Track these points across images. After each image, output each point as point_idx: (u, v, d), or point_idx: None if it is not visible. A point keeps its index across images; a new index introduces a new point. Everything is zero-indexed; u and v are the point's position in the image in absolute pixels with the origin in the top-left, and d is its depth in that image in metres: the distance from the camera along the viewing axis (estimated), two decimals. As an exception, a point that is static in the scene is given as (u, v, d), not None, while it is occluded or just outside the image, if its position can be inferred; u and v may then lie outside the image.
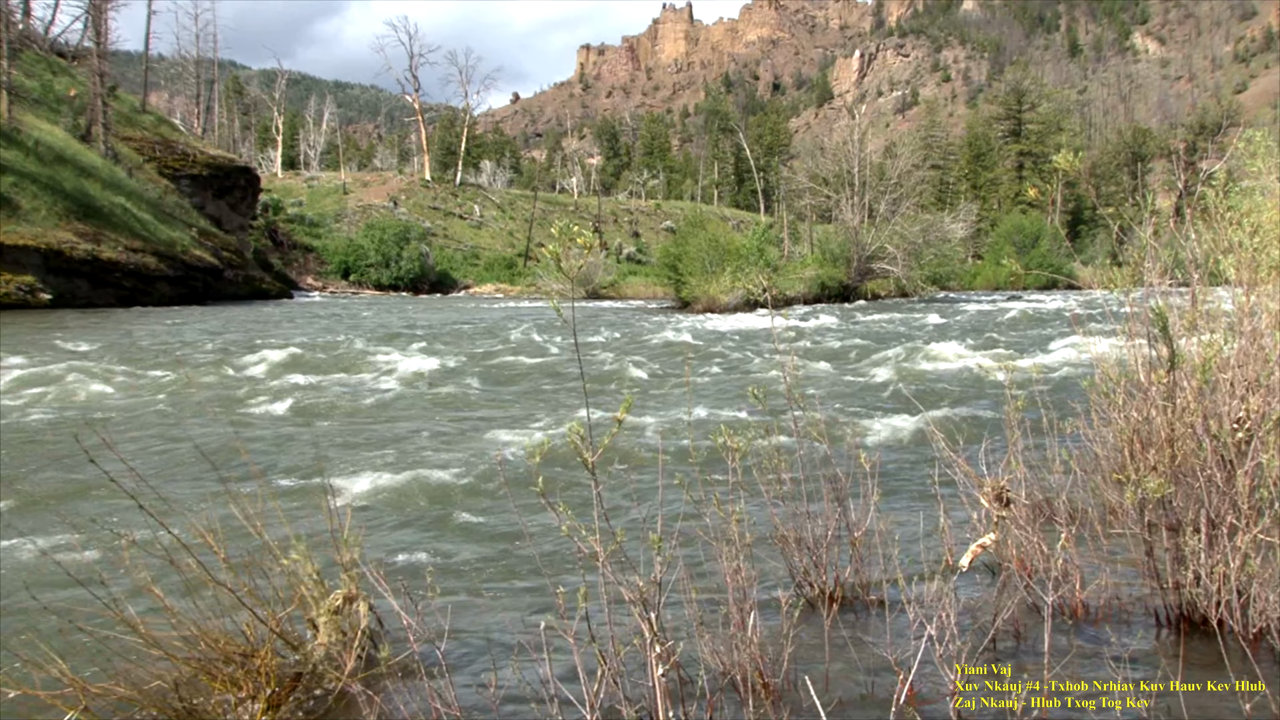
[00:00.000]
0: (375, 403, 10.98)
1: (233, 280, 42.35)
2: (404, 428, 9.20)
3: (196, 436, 8.50)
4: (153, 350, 16.57)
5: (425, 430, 9.00)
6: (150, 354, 15.82)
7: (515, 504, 5.99)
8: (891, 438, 8.45)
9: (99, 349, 16.54)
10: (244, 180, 51.76)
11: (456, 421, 9.62)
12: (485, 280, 63.97)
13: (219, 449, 7.76)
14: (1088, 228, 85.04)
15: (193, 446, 7.74)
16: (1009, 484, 4.02)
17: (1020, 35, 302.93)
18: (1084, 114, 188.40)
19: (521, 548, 5.32)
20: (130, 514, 5.78)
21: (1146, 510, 3.63)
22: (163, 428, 9.12)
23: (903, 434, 8.55)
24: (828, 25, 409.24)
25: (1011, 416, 4.21)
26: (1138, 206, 4.55)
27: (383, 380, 12.94)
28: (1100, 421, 4.54)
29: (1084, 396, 4.71)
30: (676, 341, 19.14)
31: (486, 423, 9.53)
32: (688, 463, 6.88)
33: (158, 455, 7.84)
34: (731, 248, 36.14)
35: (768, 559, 4.18)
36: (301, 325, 24.72)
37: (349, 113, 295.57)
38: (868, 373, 13.52)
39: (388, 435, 8.79)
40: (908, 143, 55.20)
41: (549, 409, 10.44)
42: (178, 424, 9.26)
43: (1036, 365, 8.84)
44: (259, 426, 9.36)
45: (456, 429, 9.11)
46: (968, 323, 24.13)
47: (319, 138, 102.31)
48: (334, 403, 10.84)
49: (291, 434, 8.88)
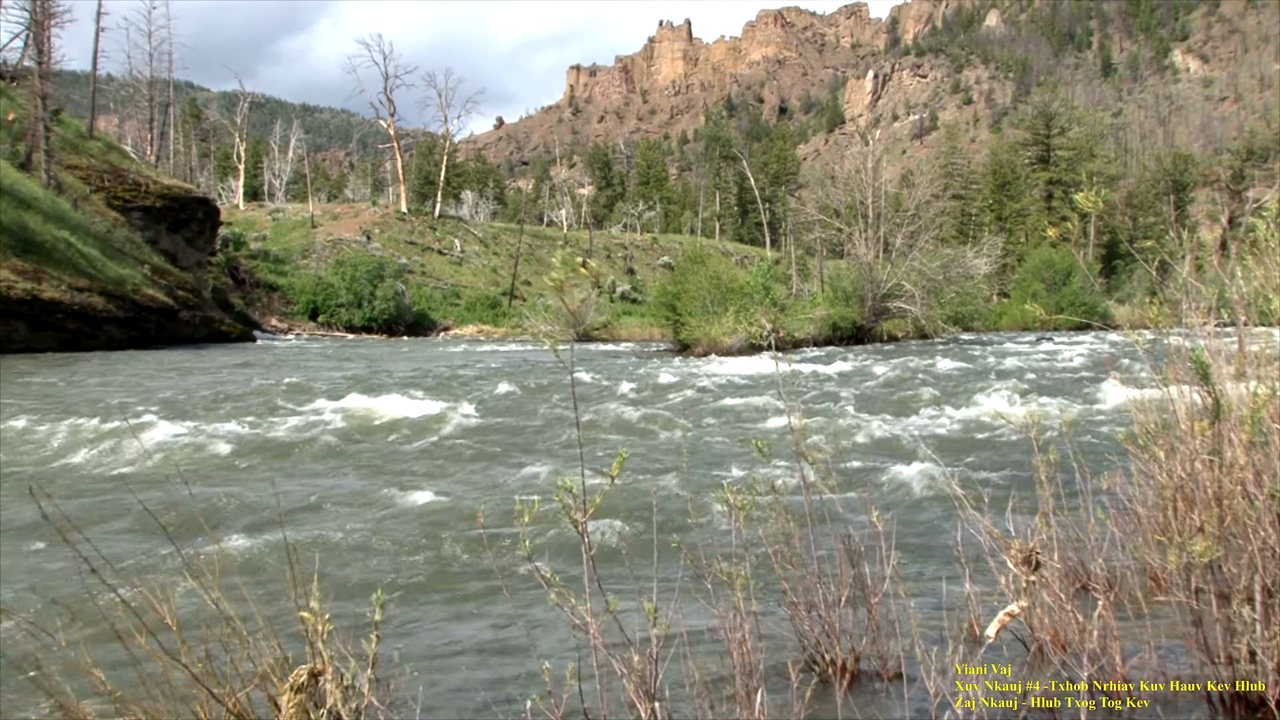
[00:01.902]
0: (342, 455, 10.94)
1: (189, 322, 42.34)
2: (376, 482, 9.16)
3: (138, 498, 8.45)
4: (88, 400, 16.52)
5: (399, 485, 8.96)
6: (85, 405, 15.77)
7: (497, 563, 5.96)
8: (909, 494, 8.43)
9: (32, 398, 16.50)
10: (202, 212, 51.93)
11: (435, 476, 9.58)
12: (467, 321, 64.14)
13: (166, 508, 7.71)
14: (1124, 263, 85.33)
15: (138, 507, 7.70)
16: (1039, 546, 4.00)
17: (1048, 53, 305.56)
18: (1119, 139, 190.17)
19: (501, 605, 5.29)
20: (60, 580, 5.73)
21: (1193, 576, 3.60)
22: (97, 486, 9.08)
23: (922, 490, 8.53)
24: (838, 44, 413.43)
25: (1041, 471, 4.19)
26: (1178, 239, 4.56)
27: (354, 430, 12.90)
28: (1140, 477, 4.53)
29: (1121, 449, 4.71)
30: (674, 387, 19.13)
31: (469, 478, 9.50)
32: (687, 521, 6.86)
33: (95, 514, 7.80)
34: (735, 285, 36.28)
35: (775, 625, 4.15)
36: (262, 371, 24.70)
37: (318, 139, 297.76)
38: (883, 422, 13.51)
39: (357, 489, 8.76)
40: (926, 171, 55.57)
41: (537, 460, 10.41)
42: (117, 482, 9.21)
43: (1068, 414, 8.84)
44: (214, 482, 9.32)
45: (436, 484, 9.07)
46: (993, 367, 24.17)
47: (285, 166, 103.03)
48: (296, 454, 10.80)
49: (249, 491, 8.84)
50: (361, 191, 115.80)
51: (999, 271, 68.42)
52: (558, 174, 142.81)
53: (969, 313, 49.27)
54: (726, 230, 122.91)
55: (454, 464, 10.52)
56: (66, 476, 9.65)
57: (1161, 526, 4.23)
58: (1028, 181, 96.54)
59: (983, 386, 18.03)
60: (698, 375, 22.57)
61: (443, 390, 18.52)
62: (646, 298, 72.47)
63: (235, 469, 10.19)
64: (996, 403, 15.15)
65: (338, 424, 13.44)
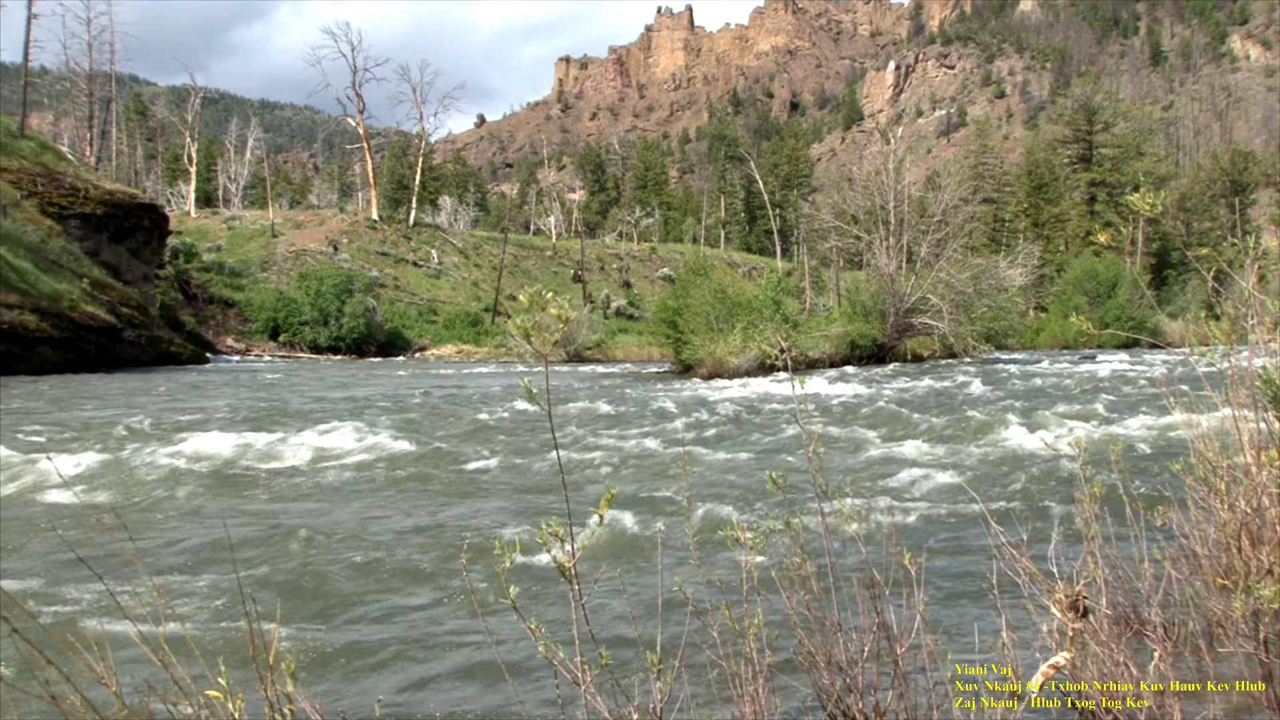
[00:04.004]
0: (304, 491, 10.90)
1: (134, 342, 42.26)
2: (342, 518, 9.12)
3: (76, 543, 8.42)
4: (9, 433, 16.48)
5: (369, 525, 8.93)
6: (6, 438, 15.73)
7: (480, 611, 5.92)
8: (940, 531, 8.40)
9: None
10: (148, 220, 51.82)
11: (408, 514, 9.54)
12: (445, 340, 64.12)
13: (105, 557, 7.68)
14: (1176, 272, 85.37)
15: (72, 554, 7.67)
16: (1086, 589, 3.97)
17: (1090, 41, 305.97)
18: (1170, 134, 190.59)
19: (484, 652, 5.25)
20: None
21: (1262, 624, 3.57)
22: (23, 531, 9.04)
23: (953, 526, 8.50)
24: (855, 32, 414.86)
25: (1087, 506, 4.16)
26: (1238, 246, 4.54)
27: (320, 462, 12.87)
28: (1199, 512, 4.50)
29: (1177, 481, 4.68)
30: (676, 413, 19.11)
31: (446, 518, 9.46)
32: (690, 562, 6.82)
33: (19, 563, 7.76)
34: (742, 300, 36.29)
35: (791, 677, 4.11)
36: (214, 396, 24.65)
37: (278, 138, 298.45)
38: (909, 451, 13.48)
39: (322, 527, 8.72)
40: (954, 172, 55.55)
41: (519, 498, 10.38)
42: (48, 527, 9.17)
43: (1115, 442, 8.82)
44: (158, 530, 9.28)
45: (410, 522, 9.03)
46: (1030, 389, 24.15)
47: (242, 168, 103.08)
48: (252, 493, 10.76)
49: (201, 537, 8.80)
50: (328, 197, 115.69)
51: (1036, 283, 68.46)
52: (545, 177, 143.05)
53: (1002, 329, 49.18)
54: (732, 239, 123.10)
55: (407, 499, 10.48)
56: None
57: (1224, 568, 4.19)
58: (1067, 183, 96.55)
59: (1019, 411, 18.00)
60: (702, 399, 22.54)
61: (409, 420, 18.50)
62: (644, 314, 72.49)
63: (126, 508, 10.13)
64: (1035, 429, 15.12)
65: (251, 460, 13.40)
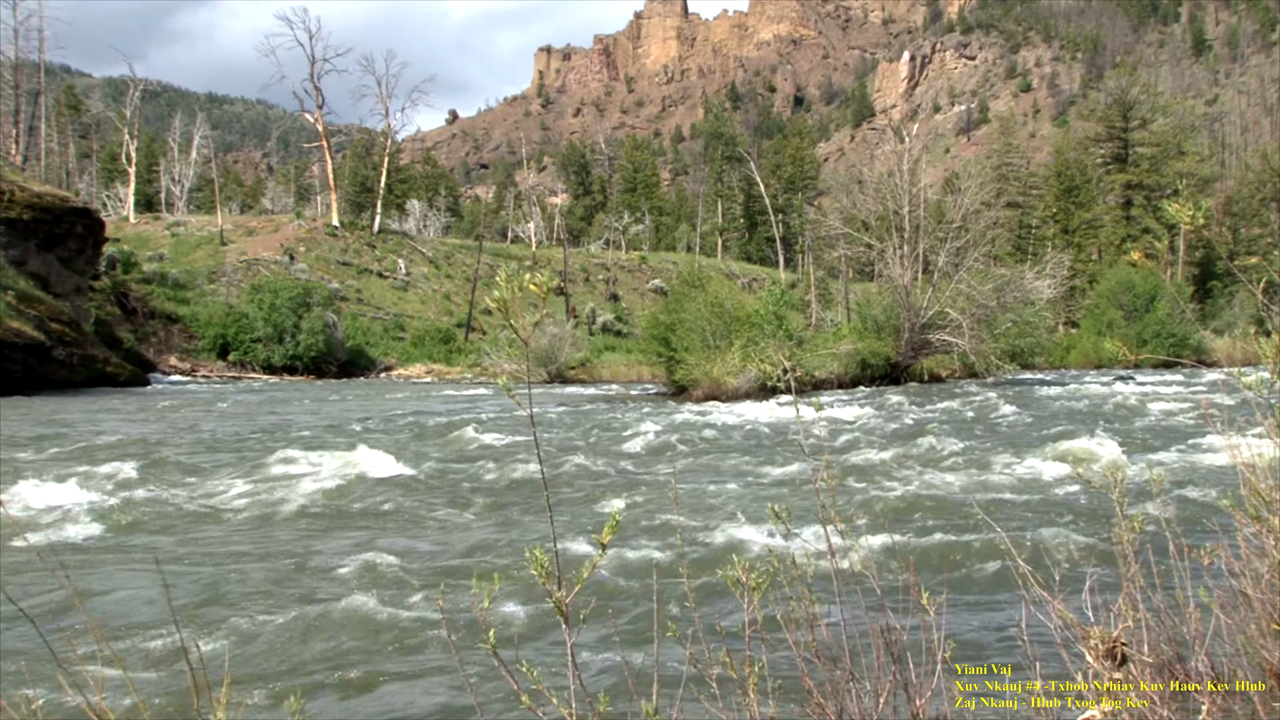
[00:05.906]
0: (259, 524, 10.87)
1: (65, 362, 42.11)
2: (304, 550, 9.10)
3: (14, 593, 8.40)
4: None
5: (335, 563, 8.90)
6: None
7: (463, 657, 5.90)
8: (963, 567, 8.40)
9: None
10: (81, 226, 51.66)
11: (377, 551, 9.52)
12: (413, 359, 64.01)
13: (41, 605, 7.65)
14: (1222, 284, 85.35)
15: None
16: (1124, 635, 3.97)
17: (1126, 28, 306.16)
18: (1215, 132, 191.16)
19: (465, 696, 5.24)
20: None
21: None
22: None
23: (977, 562, 8.50)
24: (866, 19, 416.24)
25: (1125, 542, 4.16)
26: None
27: (278, 491, 12.84)
28: (1250, 552, 4.49)
29: (1225, 517, 4.67)
30: (668, 441, 19.09)
31: (420, 555, 9.44)
32: (685, 604, 6.81)
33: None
34: (741, 315, 36.32)
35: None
36: (156, 420, 24.60)
37: (228, 136, 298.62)
38: (928, 482, 13.48)
39: (279, 554, 8.70)
40: (975, 173, 55.59)
41: (501, 530, 10.36)
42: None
43: (1156, 473, 8.82)
44: (98, 572, 9.25)
45: (379, 559, 9.01)
46: (1060, 413, 24.20)
47: (187, 169, 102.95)
48: (204, 531, 10.73)
49: (140, 578, 8.78)
50: (283, 201, 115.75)
51: (1066, 296, 68.58)
52: (524, 179, 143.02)
53: (1029, 346, 49.18)
54: (731, 247, 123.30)
55: (389, 523, 10.46)
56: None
57: (1278, 611, 4.19)
58: (1100, 186, 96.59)
59: (1049, 437, 18.02)
60: (697, 424, 22.55)
61: (383, 443, 18.49)
62: (634, 329, 72.60)
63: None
64: (1066, 458, 15.13)
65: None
